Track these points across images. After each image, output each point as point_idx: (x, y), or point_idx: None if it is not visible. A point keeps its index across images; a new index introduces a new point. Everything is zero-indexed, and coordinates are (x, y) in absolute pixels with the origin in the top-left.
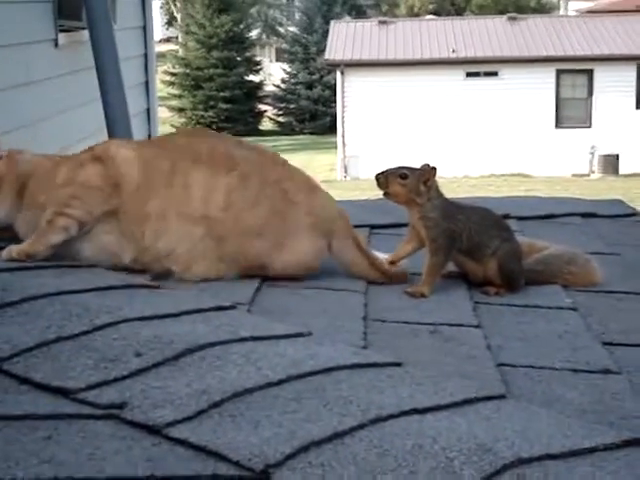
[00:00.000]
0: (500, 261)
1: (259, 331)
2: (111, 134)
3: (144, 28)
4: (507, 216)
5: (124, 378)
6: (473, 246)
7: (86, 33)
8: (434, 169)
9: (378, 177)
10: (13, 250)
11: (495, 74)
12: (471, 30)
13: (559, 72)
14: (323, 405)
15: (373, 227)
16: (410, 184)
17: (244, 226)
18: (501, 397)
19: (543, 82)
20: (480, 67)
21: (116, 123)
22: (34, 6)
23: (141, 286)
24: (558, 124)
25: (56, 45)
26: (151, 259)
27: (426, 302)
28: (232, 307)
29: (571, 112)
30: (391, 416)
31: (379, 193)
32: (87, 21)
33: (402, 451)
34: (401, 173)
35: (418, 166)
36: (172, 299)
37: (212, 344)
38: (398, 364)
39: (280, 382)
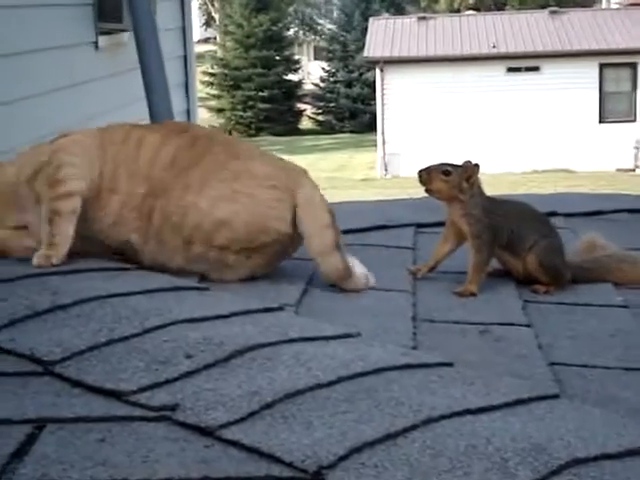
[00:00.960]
0: (540, 257)
1: (308, 332)
2: None
3: (183, 29)
4: (554, 213)
5: (175, 380)
6: (511, 240)
7: (126, 35)
8: (477, 166)
9: (421, 173)
10: (52, 256)
11: (537, 69)
12: (512, 25)
13: (602, 66)
14: (375, 406)
15: (419, 226)
16: (453, 181)
17: (184, 183)
18: (554, 397)
19: (586, 76)
20: (521, 62)
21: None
22: (74, 9)
23: (189, 288)
24: (602, 119)
25: (96, 47)
26: (105, 225)
27: (474, 301)
28: (280, 308)
29: (615, 106)
30: (443, 417)
31: (420, 191)
32: (132, 21)
33: (456, 452)
34: (444, 170)
35: (460, 163)
36: (220, 301)
37: (262, 345)
38: (449, 364)
39: (331, 383)
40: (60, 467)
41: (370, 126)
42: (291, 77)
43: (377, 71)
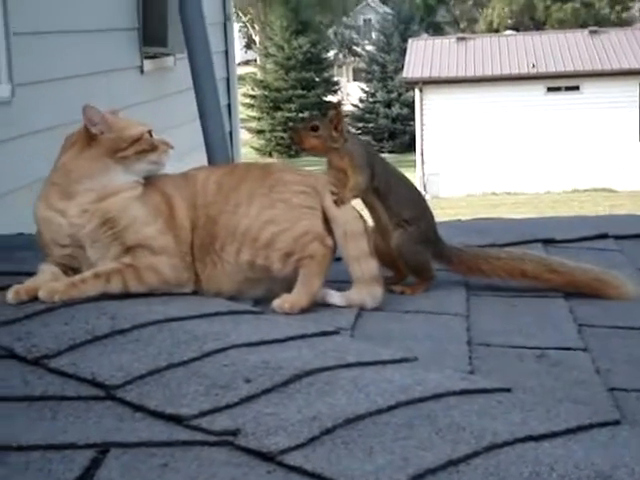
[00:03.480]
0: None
1: (365, 356)
2: (211, 158)
3: (226, 52)
4: (604, 235)
5: (235, 405)
6: (384, 191)
7: (170, 59)
8: (338, 110)
9: (291, 136)
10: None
11: (577, 88)
12: (551, 44)
13: None
14: (435, 432)
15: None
16: (323, 134)
17: (234, 202)
18: (616, 423)
19: (626, 95)
20: (561, 82)
21: (215, 147)
22: (120, 34)
23: (245, 312)
24: None
25: (142, 72)
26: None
27: (529, 325)
28: (336, 332)
29: None
30: (506, 443)
31: (464, 212)
32: (187, 47)
33: (519, 479)
34: (312, 125)
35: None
36: (276, 325)
37: (319, 370)
38: (507, 390)
39: (390, 408)
40: None
41: (409, 146)
42: (330, 98)
43: (416, 91)
